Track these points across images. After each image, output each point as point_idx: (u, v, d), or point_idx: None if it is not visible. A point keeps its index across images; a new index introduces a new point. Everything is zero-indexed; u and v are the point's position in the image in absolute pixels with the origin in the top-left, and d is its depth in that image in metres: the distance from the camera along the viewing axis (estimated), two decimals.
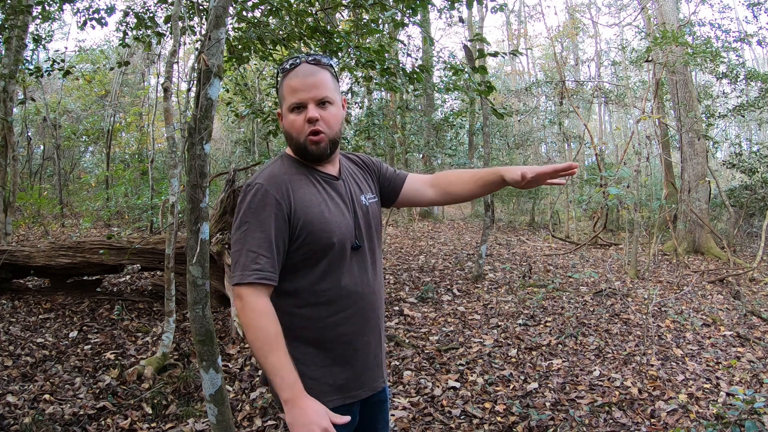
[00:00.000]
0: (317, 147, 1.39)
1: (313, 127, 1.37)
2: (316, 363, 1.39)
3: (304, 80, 1.37)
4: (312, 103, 1.37)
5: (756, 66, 18.19)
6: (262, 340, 1.27)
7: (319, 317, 1.39)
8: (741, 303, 5.59)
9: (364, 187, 1.56)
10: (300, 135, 1.38)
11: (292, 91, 1.38)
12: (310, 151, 1.39)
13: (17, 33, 6.17)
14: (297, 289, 1.38)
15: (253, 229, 1.32)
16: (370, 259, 1.49)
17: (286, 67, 1.41)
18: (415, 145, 14.64)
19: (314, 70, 1.39)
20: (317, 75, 1.38)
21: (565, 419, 3.01)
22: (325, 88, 1.39)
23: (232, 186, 4.89)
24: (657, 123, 11.01)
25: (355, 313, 1.43)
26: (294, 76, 1.38)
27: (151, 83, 16.51)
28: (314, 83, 1.37)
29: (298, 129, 1.38)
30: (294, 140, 1.40)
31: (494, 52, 3.88)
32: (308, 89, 1.37)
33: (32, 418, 2.82)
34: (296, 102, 1.37)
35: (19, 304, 4.94)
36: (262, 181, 1.35)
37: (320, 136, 1.38)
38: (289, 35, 4.25)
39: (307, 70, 1.39)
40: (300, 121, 1.37)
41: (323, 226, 1.37)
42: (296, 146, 1.41)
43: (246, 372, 3.66)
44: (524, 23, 23.41)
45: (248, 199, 1.34)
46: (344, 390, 1.41)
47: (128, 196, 11.92)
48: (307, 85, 1.37)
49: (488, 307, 5.38)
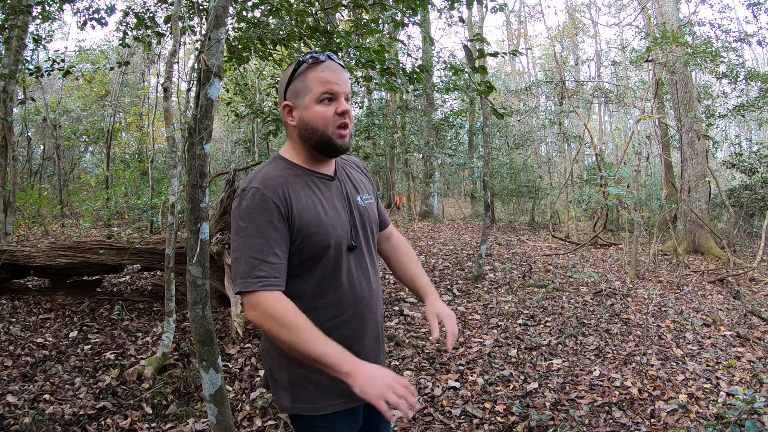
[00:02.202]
0: (343, 141, 1.37)
1: (344, 120, 1.35)
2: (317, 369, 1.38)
3: (336, 74, 1.35)
4: (343, 96, 1.35)
5: (756, 66, 18.21)
6: (299, 335, 1.22)
7: (318, 322, 1.35)
8: (741, 303, 5.59)
9: (361, 187, 1.53)
10: (327, 127, 1.34)
11: (324, 82, 1.34)
12: (336, 145, 1.36)
13: (17, 33, 6.18)
14: (295, 294, 1.35)
15: (253, 234, 1.28)
16: (368, 259, 1.47)
17: (318, 58, 1.37)
18: (415, 145, 14.66)
19: (340, 68, 1.38)
20: (344, 72, 1.38)
21: (565, 419, 3.01)
22: (349, 87, 1.38)
23: (232, 186, 4.89)
24: (657, 123, 11.01)
25: (354, 315, 1.42)
26: (326, 69, 1.35)
27: (151, 83, 16.53)
28: (344, 79, 1.36)
29: (327, 120, 1.34)
30: (318, 132, 1.35)
31: (494, 52, 3.88)
32: (341, 83, 1.35)
33: (32, 418, 2.82)
34: (329, 92, 1.34)
35: (19, 304, 4.94)
36: (258, 185, 1.31)
37: (347, 131, 1.36)
38: (289, 35, 4.25)
39: (336, 66, 1.37)
40: (330, 111, 1.34)
41: (319, 228, 1.34)
42: (319, 139, 1.36)
43: (246, 372, 3.66)
44: (524, 23, 23.43)
45: (245, 204, 1.30)
46: (347, 393, 1.35)
47: (128, 196, 11.92)
48: (340, 79, 1.35)
49: (488, 307, 5.39)
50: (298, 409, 1.38)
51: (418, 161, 15.47)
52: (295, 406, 1.38)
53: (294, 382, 1.38)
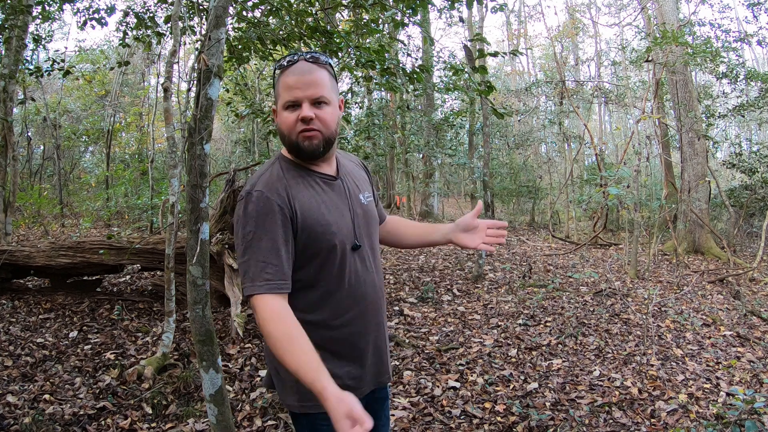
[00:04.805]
0: (310, 143, 1.35)
1: (306, 125, 1.34)
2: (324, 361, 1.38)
3: (300, 78, 1.34)
4: (307, 102, 1.33)
5: (756, 66, 18.20)
6: (278, 346, 1.23)
7: (324, 320, 1.38)
8: (741, 303, 5.58)
9: (361, 185, 1.54)
10: (292, 133, 1.35)
11: (288, 88, 1.34)
12: (303, 148, 1.36)
13: (17, 33, 6.17)
14: (302, 296, 1.36)
15: (259, 237, 1.29)
16: (371, 257, 1.48)
17: (284, 63, 1.38)
18: (415, 145, 14.65)
19: (311, 68, 1.36)
20: (314, 73, 1.35)
21: (565, 419, 3.01)
22: (322, 87, 1.35)
23: (232, 186, 4.89)
24: (657, 123, 11.02)
25: (359, 313, 1.43)
26: (291, 74, 1.35)
27: (151, 83, 16.52)
28: (311, 81, 1.34)
29: (290, 126, 1.35)
30: (287, 138, 1.37)
31: (494, 52, 3.88)
32: (304, 87, 1.33)
33: (32, 418, 2.82)
34: (291, 100, 1.34)
35: (19, 304, 4.94)
36: (261, 188, 1.32)
37: (313, 133, 1.34)
38: (289, 35, 4.25)
39: (304, 68, 1.35)
40: (293, 118, 1.34)
41: (324, 228, 1.35)
42: (289, 144, 1.38)
43: (246, 372, 3.66)
44: (524, 23, 23.43)
45: (249, 207, 1.31)
46: (348, 390, 1.39)
47: (128, 196, 11.92)
48: (304, 83, 1.33)
49: (488, 307, 5.38)
50: (306, 408, 1.38)
51: (418, 161, 15.48)
52: (303, 404, 1.38)
53: (301, 382, 1.38)
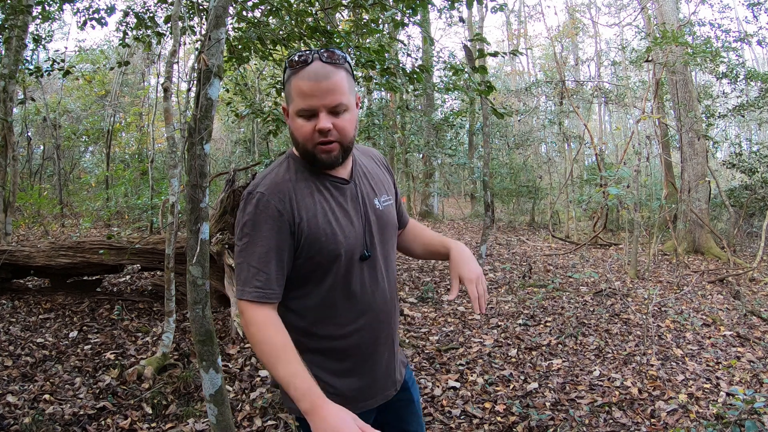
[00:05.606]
0: (328, 156, 1.25)
1: (324, 137, 1.23)
2: (325, 372, 1.33)
3: (316, 84, 1.20)
4: (324, 111, 1.21)
5: (756, 66, 18.21)
6: (267, 353, 1.19)
7: (329, 332, 1.33)
8: (741, 303, 5.58)
9: (379, 187, 1.43)
10: (308, 142, 1.24)
11: (302, 95, 1.21)
12: (320, 160, 1.26)
13: (17, 33, 6.17)
14: (305, 306, 1.32)
15: (254, 242, 1.23)
16: (383, 266, 1.39)
17: (296, 60, 1.23)
18: (415, 145, 14.66)
19: (328, 71, 1.21)
20: (331, 77, 1.21)
21: (565, 419, 3.01)
22: (340, 93, 1.22)
23: (232, 186, 4.89)
24: (657, 123, 11.02)
25: (366, 325, 1.35)
26: (305, 77, 1.21)
27: (151, 83, 16.52)
28: (328, 88, 1.20)
29: (305, 136, 1.24)
30: (301, 146, 1.27)
31: (494, 52, 3.88)
32: (321, 96, 1.20)
33: (32, 418, 2.82)
34: (306, 108, 1.21)
35: (19, 304, 4.94)
36: (264, 190, 1.25)
37: (332, 146, 1.24)
38: (289, 35, 4.25)
39: (320, 72, 1.21)
40: (309, 129, 1.23)
41: (329, 238, 1.27)
42: (303, 152, 1.28)
43: (246, 372, 3.66)
44: (524, 23, 23.44)
45: (249, 209, 1.25)
46: (353, 401, 1.33)
47: (128, 196, 11.93)
48: (321, 90, 1.20)
49: (488, 307, 5.38)
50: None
51: (418, 161, 15.48)
52: None
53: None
